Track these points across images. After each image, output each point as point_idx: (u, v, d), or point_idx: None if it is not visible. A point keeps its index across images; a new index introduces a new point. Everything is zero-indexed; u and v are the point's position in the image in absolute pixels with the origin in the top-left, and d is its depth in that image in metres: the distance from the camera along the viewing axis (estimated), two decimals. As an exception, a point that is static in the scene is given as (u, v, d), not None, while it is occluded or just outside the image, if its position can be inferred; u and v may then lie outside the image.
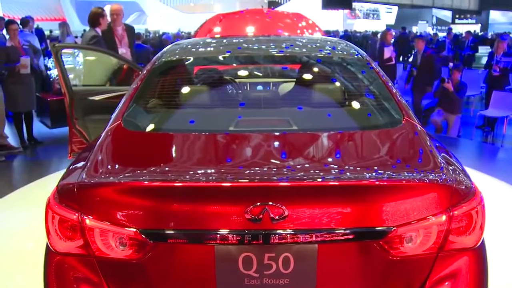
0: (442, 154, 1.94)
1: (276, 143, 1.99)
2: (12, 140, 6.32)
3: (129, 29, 6.27)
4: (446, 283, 1.69)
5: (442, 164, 1.80)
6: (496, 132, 7.65)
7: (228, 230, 1.55)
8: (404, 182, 1.66)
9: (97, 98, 4.34)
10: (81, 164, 1.87)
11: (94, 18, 5.84)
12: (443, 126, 7.26)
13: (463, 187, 1.71)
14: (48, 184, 4.67)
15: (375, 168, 1.79)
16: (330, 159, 1.89)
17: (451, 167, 1.81)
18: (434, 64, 8.24)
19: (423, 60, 8.09)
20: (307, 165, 1.82)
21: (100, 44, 5.59)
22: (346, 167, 1.80)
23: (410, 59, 12.16)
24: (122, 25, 6.07)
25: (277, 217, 1.54)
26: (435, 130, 7.20)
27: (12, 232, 3.76)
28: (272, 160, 1.84)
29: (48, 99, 6.85)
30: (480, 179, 3.91)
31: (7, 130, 6.45)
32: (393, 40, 11.96)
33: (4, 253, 3.39)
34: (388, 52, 9.40)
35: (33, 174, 5.27)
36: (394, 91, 2.38)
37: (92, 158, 1.88)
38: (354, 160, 1.89)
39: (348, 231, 1.57)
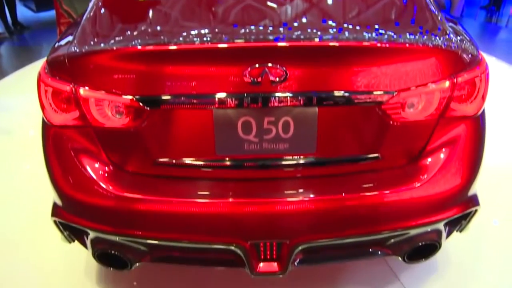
0: (450, 23, 1.85)
1: (275, 4, 1.88)
2: (-4, 26, 6.07)
3: None
4: (445, 149, 1.70)
5: (448, 31, 1.72)
6: (501, 12, 7.36)
7: (226, 94, 1.50)
8: (407, 45, 1.58)
9: None
10: (70, 36, 1.78)
11: None
12: (446, 4, 6.97)
13: (468, 54, 1.64)
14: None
15: (378, 30, 1.70)
16: (331, 21, 1.79)
17: (458, 36, 1.73)
18: None
19: None
20: (308, 26, 1.73)
21: None
22: (348, 26, 1.71)
23: None
24: None
25: (277, 79, 1.48)
26: (437, 8, 6.93)
27: (9, 117, 3.75)
28: (273, 21, 1.75)
29: (29, -20, 6.44)
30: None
31: (-11, 15, 6.15)
32: None
33: (2, 139, 3.41)
34: None
35: (22, 60, 5.13)
36: None
37: (80, 28, 1.77)
38: (357, 22, 1.79)
39: (348, 94, 1.54)
